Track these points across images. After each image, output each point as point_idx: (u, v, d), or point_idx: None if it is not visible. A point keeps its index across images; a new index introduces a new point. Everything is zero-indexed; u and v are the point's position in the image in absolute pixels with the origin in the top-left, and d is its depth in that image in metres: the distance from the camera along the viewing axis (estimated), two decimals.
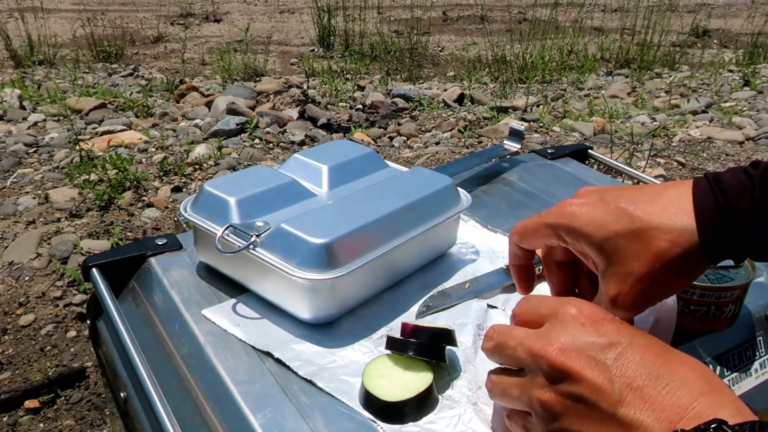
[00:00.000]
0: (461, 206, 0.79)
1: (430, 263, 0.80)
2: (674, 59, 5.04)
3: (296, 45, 5.78)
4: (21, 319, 1.73)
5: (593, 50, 5.24)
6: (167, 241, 0.85)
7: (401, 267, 0.76)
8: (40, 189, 2.37)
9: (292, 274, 0.64)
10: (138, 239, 2.05)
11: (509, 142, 1.11)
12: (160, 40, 5.72)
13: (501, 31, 5.86)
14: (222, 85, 4.06)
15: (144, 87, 3.78)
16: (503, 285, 0.75)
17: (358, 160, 0.86)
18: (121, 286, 0.82)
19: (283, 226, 0.67)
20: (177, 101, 3.66)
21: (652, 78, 4.56)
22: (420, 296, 0.74)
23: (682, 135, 3.19)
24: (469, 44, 5.65)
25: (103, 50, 4.95)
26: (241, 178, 0.79)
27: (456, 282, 0.77)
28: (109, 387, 0.84)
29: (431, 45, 5.56)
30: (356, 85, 4.20)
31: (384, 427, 0.57)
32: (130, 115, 3.27)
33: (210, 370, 0.65)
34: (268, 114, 3.26)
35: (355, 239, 0.68)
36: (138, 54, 5.30)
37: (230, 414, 0.61)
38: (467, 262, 0.81)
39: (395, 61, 4.84)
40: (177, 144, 2.80)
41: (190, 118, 3.25)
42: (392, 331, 0.68)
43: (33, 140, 2.83)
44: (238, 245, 0.68)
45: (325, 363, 0.64)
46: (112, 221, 2.16)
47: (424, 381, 0.58)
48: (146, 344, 0.73)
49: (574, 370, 0.43)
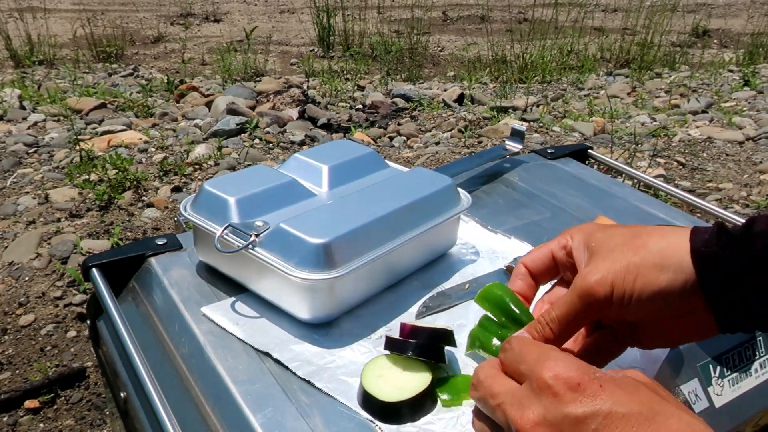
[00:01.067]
0: (461, 206, 0.79)
1: (430, 263, 0.80)
2: (674, 59, 5.04)
3: (296, 45, 5.78)
4: (21, 319, 1.73)
5: (593, 50, 5.24)
6: (167, 241, 0.85)
7: (401, 267, 0.76)
8: (40, 189, 2.37)
9: (290, 274, 0.65)
10: (138, 239, 2.05)
11: (510, 142, 1.11)
12: (160, 40, 5.71)
13: (501, 31, 5.86)
14: (222, 85, 4.06)
15: (144, 87, 3.78)
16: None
17: (359, 160, 0.86)
18: (121, 286, 0.82)
19: (282, 225, 0.68)
20: (177, 101, 3.66)
21: (652, 78, 4.56)
22: (419, 296, 0.74)
23: (682, 135, 3.19)
24: (469, 44, 5.64)
25: (103, 50, 4.95)
26: (240, 178, 0.79)
27: (456, 282, 0.77)
28: (109, 387, 0.84)
29: (431, 45, 5.56)
30: (356, 85, 4.20)
31: (382, 427, 0.57)
32: (130, 115, 3.27)
33: (210, 370, 0.65)
34: (268, 114, 3.26)
35: (354, 239, 0.68)
36: (138, 54, 5.30)
37: (230, 414, 0.61)
38: (467, 262, 0.81)
39: (395, 61, 4.84)
40: (177, 144, 2.80)
41: (190, 118, 3.25)
42: (391, 331, 0.68)
43: (33, 140, 2.83)
44: (238, 245, 0.68)
45: (324, 363, 0.64)
46: (112, 221, 2.16)
47: (423, 381, 0.58)
48: (146, 344, 0.73)
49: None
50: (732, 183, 2.64)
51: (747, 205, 2.46)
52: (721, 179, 2.69)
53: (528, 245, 0.85)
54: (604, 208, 0.97)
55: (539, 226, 0.92)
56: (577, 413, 0.40)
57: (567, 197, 1.00)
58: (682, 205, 1.85)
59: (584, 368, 0.43)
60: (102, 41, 5.01)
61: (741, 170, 2.76)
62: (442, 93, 3.90)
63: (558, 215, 0.95)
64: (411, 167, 0.90)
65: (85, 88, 3.76)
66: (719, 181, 2.68)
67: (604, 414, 0.40)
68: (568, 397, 0.41)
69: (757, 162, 2.82)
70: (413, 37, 5.16)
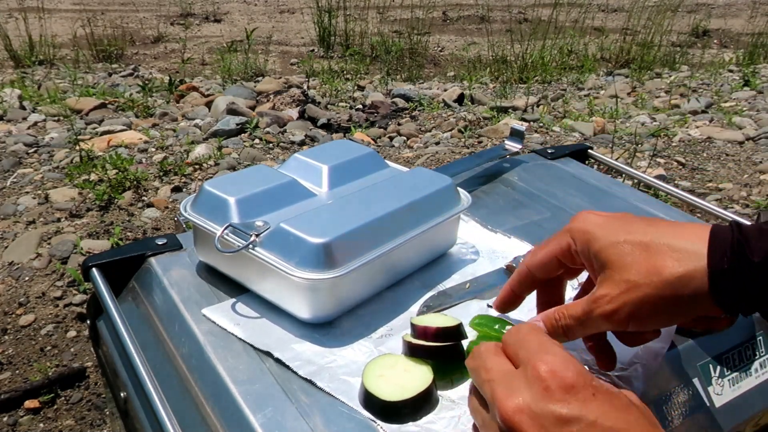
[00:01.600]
0: (461, 206, 0.79)
1: (430, 263, 0.80)
2: (674, 59, 5.04)
3: (296, 45, 5.78)
4: (21, 319, 1.73)
5: (593, 50, 5.24)
6: (167, 241, 0.85)
7: (401, 267, 0.76)
8: (40, 189, 2.37)
9: (291, 274, 0.64)
10: (138, 239, 2.05)
11: (510, 142, 1.11)
12: (160, 40, 5.71)
13: (501, 31, 5.86)
14: (222, 85, 4.06)
15: (144, 87, 3.78)
16: (503, 285, 0.75)
17: (359, 160, 0.86)
18: (121, 286, 0.82)
19: (282, 225, 0.67)
20: (177, 101, 3.66)
21: (652, 78, 4.56)
22: (420, 296, 0.74)
23: (682, 135, 3.19)
24: (469, 44, 5.65)
25: (103, 50, 4.95)
26: (240, 178, 0.79)
27: (456, 282, 0.77)
28: (109, 387, 0.84)
29: (431, 45, 5.56)
30: (356, 85, 4.20)
31: (384, 426, 0.57)
32: (130, 115, 3.27)
33: (210, 370, 0.65)
34: (268, 114, 3.26)
35: (354, 239, 0.68)
36: (138, 54, 5.30)
37: (230, 414, 0.61)
38: (467, 262, 0.81)
39: (395, 61, 4.84)
40: (177, 144, 2.80)
41: (190, 118, 3.25)
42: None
43: (33, 140, 2.83)
44: (238, 245, 0.68)
45: (325, 363, 0.64)
46: (112, 221, 2.16)
47: (424, 381, 0.58)
48: (146, 344, 0.73)
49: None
50: (732, 183, 2.64)
51: (747, 204, 2.46)
52: (721, 179, 2.69)
53: (528, 245, 0.85)
54: (604, 208, 0.97)
55: (539, 225, 0.92)
56: (563, 413, 0.40)
57: (567, 197, 1.00)
58: (683, 205, 1.85)
59: (582, 373, 0.43)
60: (102, 41, 5.01)
61: (741, 170, 2.76)
62: (442, 93, 3.90)
63: (558, 215, 0.95)
64: (411, 167, 0.90)
65: (85, 88, 3.76)
66: (719, 181, 2.68)
67: (589, 422, 0.40)
68: (558, 395, 0.41)
69: (757, 162, 2.82)
70: (413, 37, 5.16)
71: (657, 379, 0.65)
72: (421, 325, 0.61)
